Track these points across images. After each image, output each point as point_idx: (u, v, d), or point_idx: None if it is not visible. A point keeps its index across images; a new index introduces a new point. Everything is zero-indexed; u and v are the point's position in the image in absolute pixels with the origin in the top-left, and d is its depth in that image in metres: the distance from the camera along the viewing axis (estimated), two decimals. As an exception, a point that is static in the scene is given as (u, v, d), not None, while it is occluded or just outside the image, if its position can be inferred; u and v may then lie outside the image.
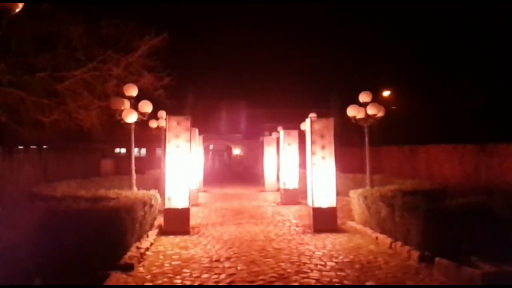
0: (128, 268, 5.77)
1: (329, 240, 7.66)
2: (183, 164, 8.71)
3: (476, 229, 5.66)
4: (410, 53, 32.84)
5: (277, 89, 35.12)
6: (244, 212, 11.57)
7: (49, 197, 7.99)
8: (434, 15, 35.21)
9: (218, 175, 28.97)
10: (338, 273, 5.67)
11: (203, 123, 25.89)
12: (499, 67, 26.45)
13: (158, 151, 28.69)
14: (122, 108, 9.00)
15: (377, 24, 39.46)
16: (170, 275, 5.67)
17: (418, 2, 33.84)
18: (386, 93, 27.12)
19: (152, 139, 16.11)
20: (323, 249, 6.99)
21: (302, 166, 12.28)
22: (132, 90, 9.33)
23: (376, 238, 7.46)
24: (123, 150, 31.88)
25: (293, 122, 15.05)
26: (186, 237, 8.11)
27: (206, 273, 5.74)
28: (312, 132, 8.93)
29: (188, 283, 5.38)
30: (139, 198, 7.42)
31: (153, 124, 13.03)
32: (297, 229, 8.91)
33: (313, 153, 8.86)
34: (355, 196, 8.71)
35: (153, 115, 12.33)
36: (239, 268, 5.96)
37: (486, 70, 27.29)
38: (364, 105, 9.76)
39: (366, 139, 9.98)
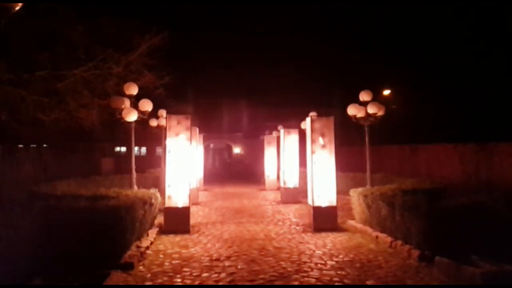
0: (128, 267, 5.77)
1: (330, 239, 7.67)
2: (183, 163, 8.71)
3: (476, 228, 5.66)
4: (410, 52, 32.82)
5: (278, 88, 35.13)
6: (245, 211, 11.57)
7: (49, 196, 7.97)
8: (435, 14, 35.18)
9: (218, 174, 28.99)
10: (339, 272, 5.67)
11: (203, 122, 25.89)
12: (500, 66, 26.43)
13: (158, 150, 28.74)
14: (123, 107, 8.98)
15: (378, 23, 39.40)
16: (170, 274, 5.67)
17: (419, 2, 33.81)
18: (386, 92, 27.12)
19: (152, 138, 16.09)
20: (323, 248, 7.00)
21: (302, 165, 12.28)
22: (133, 89, 9.31)
23: (376, 237, 7.46)
24: (123, 149, 31.90)
25: (294, 121, 15.05)
26: (186, 236, 8.11)
27: (206, 272, 5.74)
28: (312, 131, 8.93)
29: (188, 282, 5.38)
30: (139, 197, 7.42)
31: (153, 123, 13.03)
32: (297, 228, 8.92)
33: (313, 152, 8.86)
34: (355, 195, 8.71)
35: (154, 114, 12.33)
36: (239, 267, 5.96)
37: (486, 69, 27.27)
38: (364, 104, 9.75)
39: (367, 138, 9.98)
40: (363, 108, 9.75)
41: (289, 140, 13.93)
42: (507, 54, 25.42)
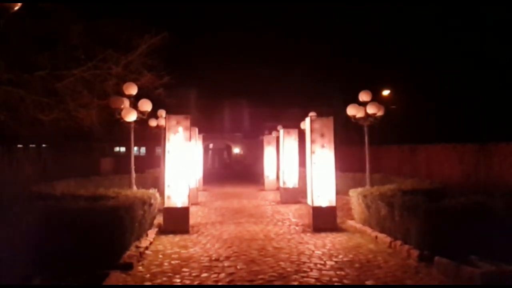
0: (128, 267, 5.76)
1: (329, 239, 7.66)
2: (182, 163, 8.71)
3: (476, 228, 5.67)
4: (410, 52, 32.84)
5: (278, 88, 35.16)
6: (244, 211, 11.57)
7: (49, 196, 7.99)
8: (435, 14, 35.20)
9: (218, 174, 28.98)
10: (338, 272, 5.66)
11: (203, 122, 25.88)
12: (499, 66, 26.44)
13: (158, 150, 28.72)
14: (122, 107, 8.99)
15: (378, 23, 39.45)
16: (170, 274, 5.66)
17: (419, 2, 33.83)
18: (386, 92, 27.13)
19: (151, 138, 16.08)
20: (322, 248, 6.99)
21: (302, 165, 12.28)
22: (132, 89, 9.31)
23: (376, 237, 7.46)
24: (123, 149, 31.95)
25: (294, 121, 15.04)
26: (185, 236, 8.10)
27: (205, 272, 5.74)
28: (312, 131, 8.93)
29: (187, 282, 5.37)
30: (138, 197, 7.42)
31: (152, 123, 13.02)
32: (296, 228, 8.91)
33: (313, 152, 8.86)
34: (354, 195, 8.71)
35: (153, 114, 12.32)
36: (238, 267, 5.96)
37: (486, 69, 27.29)
38: (364, 104, 9.75)
39: (366, 138, 9.98)
40: (363, 108, 9.75)
41: (289, 140, 13.92)
42: (507, 54, 25.43)
